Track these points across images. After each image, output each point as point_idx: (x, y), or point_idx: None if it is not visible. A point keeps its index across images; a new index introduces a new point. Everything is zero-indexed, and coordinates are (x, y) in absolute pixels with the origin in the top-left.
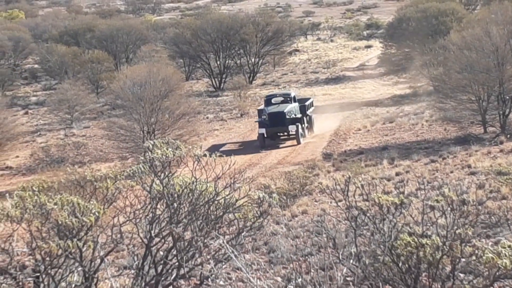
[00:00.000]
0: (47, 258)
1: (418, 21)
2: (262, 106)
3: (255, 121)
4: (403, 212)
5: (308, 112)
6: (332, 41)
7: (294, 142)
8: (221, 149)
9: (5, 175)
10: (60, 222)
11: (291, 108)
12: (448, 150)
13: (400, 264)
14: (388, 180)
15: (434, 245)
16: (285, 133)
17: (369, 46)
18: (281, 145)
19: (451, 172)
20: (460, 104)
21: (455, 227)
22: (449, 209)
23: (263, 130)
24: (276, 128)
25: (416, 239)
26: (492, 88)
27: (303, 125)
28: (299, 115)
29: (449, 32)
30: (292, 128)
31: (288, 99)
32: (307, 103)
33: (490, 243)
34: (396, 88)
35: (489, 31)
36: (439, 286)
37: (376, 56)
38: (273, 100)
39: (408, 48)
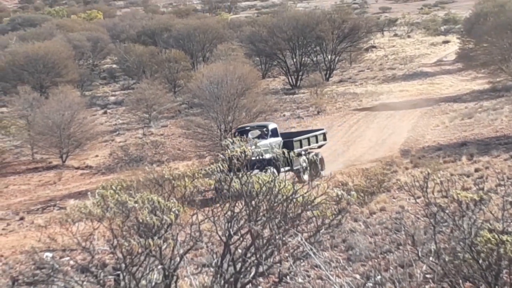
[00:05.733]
0: (128, 256)
1: (496, 16)
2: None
3: None
4: (483, 208)
5: (306, 149)
6: (409, 37)
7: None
8: None
9: (85, 174)
10: (141, 220)
11: (263, 146)
12: None
13: (480, 261)
14: (467, 176)
15: None
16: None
17: (446, 42)
18: None
19: None
20: None
21: None
22: None
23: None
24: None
25: (496, 236)
26: None
27: (288, 168)
28: (271, 155)
29: None
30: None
31: (266, 132)
32: (302, 137)
33: None
34: (474, 83)
35: None
36: None
37: (454, 52)
38: (250, 134)
39: (487, 43)
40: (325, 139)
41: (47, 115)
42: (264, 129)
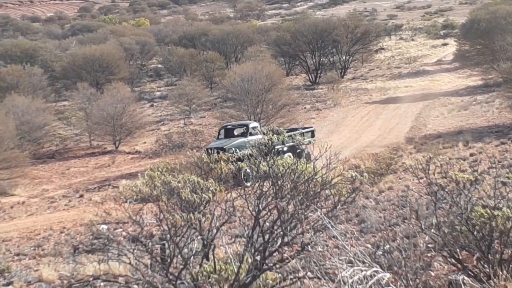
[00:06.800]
0: (172, 228)
1: (488, 22)
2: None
3: None
4: (477, 187)
5: (291, 146)
6: (413, 40)
7: None
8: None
9: (135, 158)
10: (183, 198)
11: (240, 143)
12: None
13: (475, 233)
14: (463, 160)
15: (505, 216)
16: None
17: (445, 44)
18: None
19: None
20: None
21: None
22: None
23: None
24: None
25: (489, 211)
26: None
27: None
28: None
29: None
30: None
31: (244, 131)
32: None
33: None
34: (469, 80)
35: None
36: (509, 252)
37: (452, 53)
38: (235, 132)
39: (480, 45)
40: (313, 136)
41: (102, 108)
42: (244, 127)
